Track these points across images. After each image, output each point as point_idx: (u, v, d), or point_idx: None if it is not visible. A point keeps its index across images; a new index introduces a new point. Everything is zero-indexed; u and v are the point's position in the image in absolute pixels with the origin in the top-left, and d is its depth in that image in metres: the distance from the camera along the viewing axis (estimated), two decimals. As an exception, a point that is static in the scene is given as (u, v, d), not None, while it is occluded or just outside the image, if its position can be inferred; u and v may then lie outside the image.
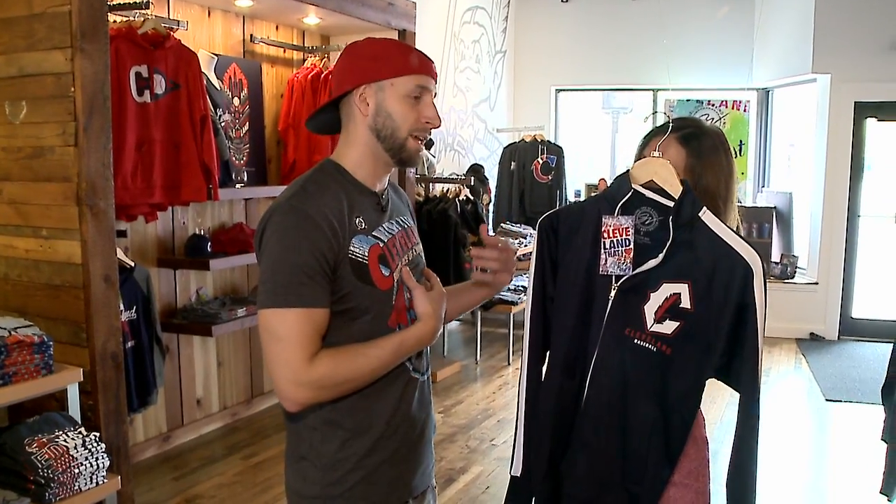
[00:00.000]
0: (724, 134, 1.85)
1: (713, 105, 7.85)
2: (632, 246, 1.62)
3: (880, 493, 3.03)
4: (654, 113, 7.28)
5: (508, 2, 8.43)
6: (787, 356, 6.66)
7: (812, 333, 7.16)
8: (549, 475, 1.74)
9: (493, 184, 7.92)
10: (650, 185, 1.67)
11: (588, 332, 1.68)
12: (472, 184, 6.25)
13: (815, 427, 5.16)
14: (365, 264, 1.56)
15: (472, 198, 6.00)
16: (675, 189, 1.63)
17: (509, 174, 7.90)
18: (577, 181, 8.61)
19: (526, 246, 7.21)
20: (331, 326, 1.55)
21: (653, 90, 8.33)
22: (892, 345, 3.14)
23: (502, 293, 6.85)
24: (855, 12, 6.76)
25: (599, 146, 10.38)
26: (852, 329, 7.17)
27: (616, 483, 1.68)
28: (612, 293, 1.65)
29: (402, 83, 1.58)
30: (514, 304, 6.52)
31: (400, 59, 1.59)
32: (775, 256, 7.63)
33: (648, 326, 1.63)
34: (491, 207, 7.84)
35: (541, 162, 7.80)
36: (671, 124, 1.73)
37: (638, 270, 1.62)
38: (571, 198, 8.24)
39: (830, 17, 6.79)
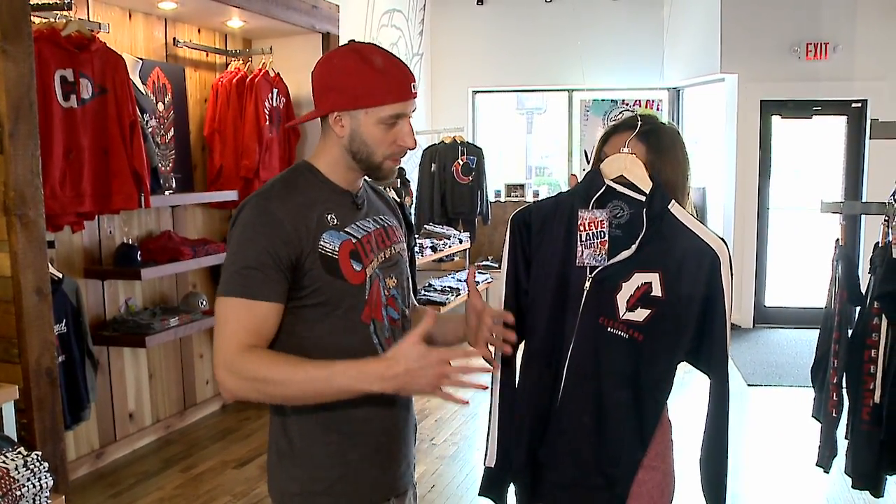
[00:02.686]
0: (678, 129, 1.93)
1: (627, 104, 8.08)
2: (607, 238, 1.67)
3: (816, 465, 3.20)
4: (621, 112, 7.51)
5: (424, 4, 8.47)
6: (706, 345, 6.90)
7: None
8: (528, 463, 1.78)
9: (414, 186, 7.94)
10: (620, 180, 1.73)
11: (564, 322, 1.73)
12: (398, 186, 6.25)
13: (740, 411, 5.37)
14: (335, 259, 1.57)
15: (399, 200, 6.01)
16: (645, 183, 1.70)
17: (430, 176, 7.94)
18: (497, 181, 8.72)
19: (450, 247, 7.27)
20: (305, 320, 1.58)
21: (568, 91, 8.52)
22: (806, 330, 3.33)
23: (430, 294, 6.91)
24: (758, 15, 7.12)
25: (514, 146, 10.52)
26: (766, 317, 7.52)
27: (593, 467, 1.74)
28: (587, 284, 1.70)
29: (378, 112, 1.57)
30: (442, 304, 6.56)
31: (377, 86, 1.56)
32: (690, 250, 7.89)
33: (620, 315, 1.69)
34: (413, 209, 7.86)
35: (461, 163, 7.86)
36: (638, 122, 1.79)
37: (612, 261, 1.68)
38: (492, 198, 8.35)
39: (736, 20, 7.12)
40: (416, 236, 7.46)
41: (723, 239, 1.68)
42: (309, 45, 5.24)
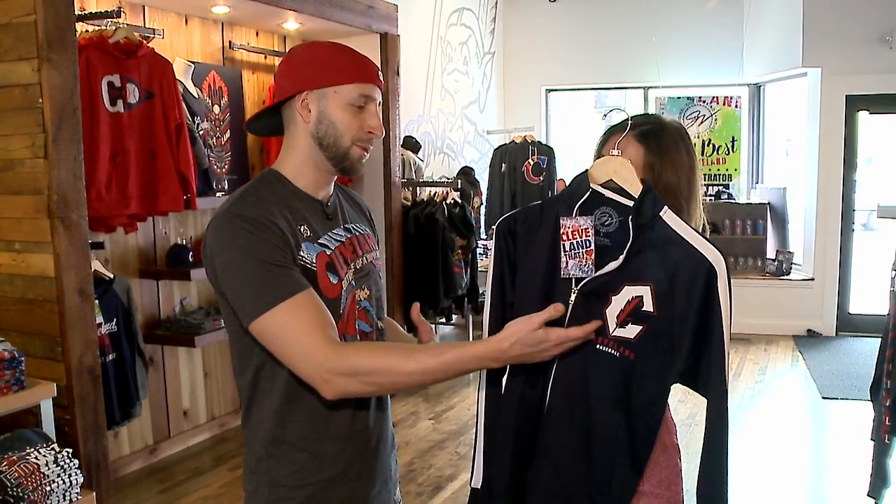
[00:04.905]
0: (685, 129, 1.80)
1: (704, 101, 7.80)
2: (593, 247, 1.56)
3: (868, 496, 2.97)
4: (612, 110, 7.24)
5: (496, 2, 8.38)
6: (784, 353, 6.60)
7: (809, 330, 7.10)
8: (511, 486, 1.68)
9: (484, 186, 7.86)
10: (610, 185, 1.62)
11: (548, 337, 1.62)
12: (461, 186, 6.19)
13: (810, 425, 5.09)
14: (313, 272, 1.51)
15: (460, 201, 5.94)
16: (636, 188, 1.57)
17: (500, 176, 7.83)
18: (570, 182, 8.53)
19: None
20: None
21: (643, 88, 8.27)
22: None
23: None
24: (844, 4, 6.71)
25: (592, 146, 10.31)
26: (850, 325, 7.11)
27: (582, 493, 1.62)
28: (573, 297, 1.59)
29: (346, 91, 1.53)
30: (506, 306, 6.45)
31: (344, 66, 1.54)
32: (770, 253, 7.57)
33: (611, 331, 1.57)
34: (482, 210, 7.79)
35: (532, 163, 7.73)
36: (630, 121, 1.68)
37: (598, 273, 1.57)
38: (564, 198, 8.17)
39: (820, 10, 6.73)
40: (484, 237, 7.39)
41: (720, 249, 1.54)
42: (367, 46, 5.22)
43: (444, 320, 6.35)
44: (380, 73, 1.58)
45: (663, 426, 1.70)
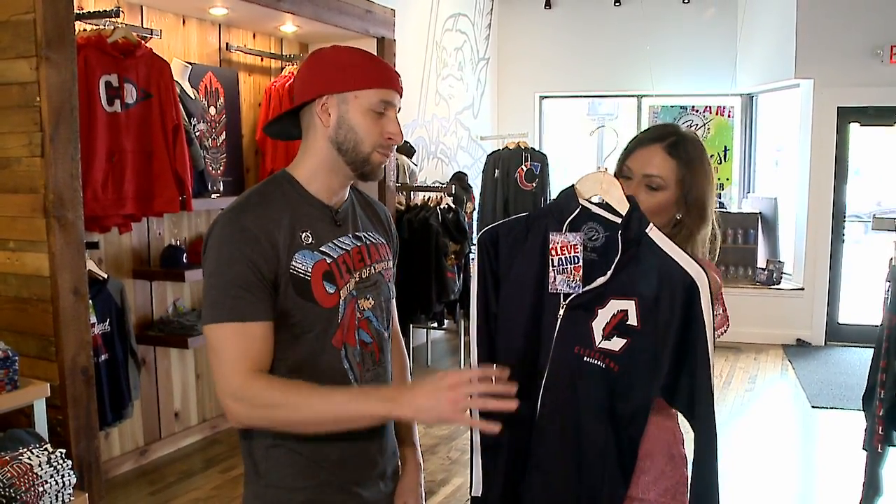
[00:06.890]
0: (699, 137, 1.83)
1: (697, 111, 7.85)
2: (581, 263, 1.59)
3: (861, 504, 3.00)
4: (601, 127, 7.29)
5: (491, 9, 8.41)
6: (774, 362, 6.64)
7: (799, 339, 7.15)
8: (505, 497, 1.70)
9: (477, 192, 7.88)
10: (596, 200, 1.65)
11: (538, 350, 1.64)
12: (455, 192, 6.21)
13: (800, 434, 5.13)
14: (307, 281, 1.52)
15: (453, 206, 5.97)
16: (622, 205, 1.60)
17: (493, 182, 7.83)
18: (556, 195, 8.55)
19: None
20: (275, 343, 1.52)
21: (637, 96, 8.31)
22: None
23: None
24: (837, 18, 6.77)
25: (585, 153, 10.35)
26: (839, 334, 7.16)
27: (570, 503, 1.65)
28: (561, 311, 1.61)
29: (367, 97, 1.53)
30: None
31: (366, 71, 1.53)
32: (761, 262, 7.62)
33: (597, 343, 1.60)
34: (475, 215, 7.80)
35: (525, 169, 7.73)
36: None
37: (587, 288, 1.59)
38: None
39: (813, 23, 6.79)
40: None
41: (703, 266, 1.56)
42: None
43: (436, 325, 6.38)
44: (400, 78, 1.58)
45: (671, 436, 1.73)
